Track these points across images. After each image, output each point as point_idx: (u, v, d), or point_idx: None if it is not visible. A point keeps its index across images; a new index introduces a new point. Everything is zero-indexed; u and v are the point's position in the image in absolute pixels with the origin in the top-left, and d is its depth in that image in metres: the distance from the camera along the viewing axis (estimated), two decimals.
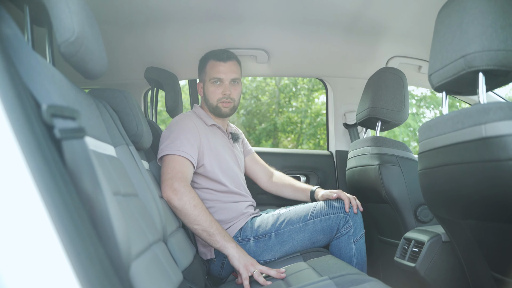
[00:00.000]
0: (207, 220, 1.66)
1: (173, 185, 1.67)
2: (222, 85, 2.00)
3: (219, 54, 2.02)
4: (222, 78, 1.99)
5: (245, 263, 1.61)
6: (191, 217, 1.66)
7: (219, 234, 1.66)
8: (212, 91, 2.00)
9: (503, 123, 1.01)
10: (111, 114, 1.31)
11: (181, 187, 1.67)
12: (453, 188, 1.24)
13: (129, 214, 0.96)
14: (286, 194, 2.28)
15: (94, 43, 1.01)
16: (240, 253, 1.65)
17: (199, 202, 1.69)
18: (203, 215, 1.67)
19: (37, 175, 0.58)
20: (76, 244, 0.58)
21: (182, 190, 1.67)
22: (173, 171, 1.71)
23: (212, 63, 2.01)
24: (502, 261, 1.29)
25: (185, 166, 1.76)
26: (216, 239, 1.65)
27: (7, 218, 0.55)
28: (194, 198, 1.68)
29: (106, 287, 0.59)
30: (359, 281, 1.25)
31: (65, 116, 0.70)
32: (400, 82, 2.10)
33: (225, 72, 1.99)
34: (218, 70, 1.99)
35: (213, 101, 2.01)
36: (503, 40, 1.10)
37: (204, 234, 1.66)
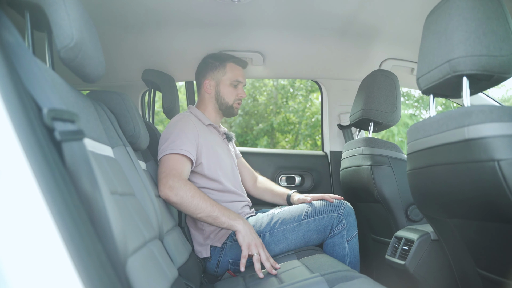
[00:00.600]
0: (208, 206, 1.70)
1: (168, 182, 1.70)
2: (240, 88, 2.15)
3: (239, 60, 2.18)
4: (242, 82, 2.15)
5: (249, 241, 1.66)
6: (192, 207, 1.69)
7: (223, 215, 1.70)
8: (230, 92, 2.12)
9: (484, 125, 1.05)
10: (109, 116, 1.35)
11: (175, 182, 1.70)
12: (439, 188, 1.29)
13: (126, 212, 1.01)
14: (267, 198, 2.34)
15: (93, 48, 1.05)
16: (247, 230, 1.69)
17: (196, 191, 1.72)
18: (203, 202, 1.70)
19: (39, 175, 0.62)
20: (76, 240, 0.62)
21: (177, 185, 1.70)
22: (167, 169, 1.75)
23: (234, 66, 2.14)
24: (487, 259, 1.33)
25: (180, 163, 1.80)
26: (221, 220, 1.70)
27: (11, 215, 0.59)
28: (190, 189, 1.71)
29: (104, 280, 0.63)
30: (349, 278, 1.30)
31: (65, 119, 0.73)
32: (392, 84, 2.15)
33: (243, 77, 2.17)
34: (241, 74, 2.15)
35: (230, 100, 2.13)
36: (485, 46, 1.14)
37: (209, 219, 1.70)
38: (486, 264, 1.34)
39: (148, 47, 2.30)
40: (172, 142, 1.83)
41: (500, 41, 1.15)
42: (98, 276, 0.62)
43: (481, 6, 1.16)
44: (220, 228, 1.76)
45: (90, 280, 0.60)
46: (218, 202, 1.77)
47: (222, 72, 2.12)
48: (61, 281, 0.58)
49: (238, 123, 10.40)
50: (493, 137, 1.03)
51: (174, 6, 1.94)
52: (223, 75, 2.12)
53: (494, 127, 1.04)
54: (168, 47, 2.34)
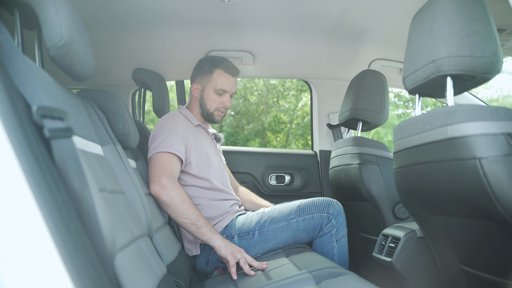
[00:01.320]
0: (195, 214, 1.72)
1: (161, 181, 1.72)
2: (225, 96, 2.09)
3: (230, 67, 2.09)
4: (228, 91, 2.08)
5: (232, 250, 1.70)
6: (180, 211, 1.71)
7: (206, 227, 1.73)
8: (213, 99, 2.07)
9: (467, 124, 1.08)
10: (99, 114, 1.36)
11: (169, 183, 1.72)
12: (424, 186, 1.31)
13: (114, 209, 1.02)
14: (248, 208, 2.34)
15: (82, 47, 1.06)
16: (226, 243, 1.73)
17: (186, 197, 1.74)
18: (191, 209, 1.73)
19: (28, 171, 0.63)
20: (64, 235, 0.63)
21: (170, 186, 1.72)
22: (160, 167, 1.76)
23: (222, 73, 2.07)
24: (470, 255, 1.36)
25: (172, 163, 1.81)
26: (203, 231, 1.72)
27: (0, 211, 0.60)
28: (182, 193, 1.74)
29: (91, 275, 0.64)
30: (336, 274, 1.32)
31: (54, 117, 0.75)
32: (381, 84, 2.17)
33: (231, 87, 2.09)
34: (227, 83, 2.07)
35: (211, 108, 2.09)
36: (468, 47, 1.17)
37: (192, 227, 1.73)
38: (469, 260, 1.36)
39: (139, 46, 2.31)
40: (163, 140, 1.83)
41: (482, 42, 1.17)
42: (86, 271, 0.63)
43: (464, 8, 1.19)
44: (199, 239, 1.78)
45: (78, 275, 0.62)
46: (208, 200, 1.79)
47: (209, 78, 2.08)
48: (49, 276, 0.60)
49: (229, 123, 10.40)
50: (475, 135, 1.06)
51: (164, 5, 1.95)
52: (209, 82, 2.08)
53: (476, 126, 1.07)
54: (158, 46, 2.35)
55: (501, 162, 1.02)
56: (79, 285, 0.61)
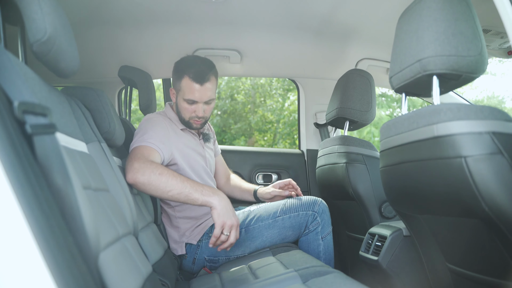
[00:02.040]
0: (179, 182, 1.61)
1: (133, 165, 1.60)
2: (196, 106, 1.90)
3: (197, 74, 1.86)
4: (197, 100, 1.89)
5: (224, 220, 1.59)
6: (162, 185, 1.60)
7: (196, 191, 1.61)
8: (184, 108, 1.92)
9: (452, 123, 1.09)
10: (84, 112, 1.34)
11: (140, 163, 1.61)
12: (410, 185, 1.32)
13: (99, 207, 1.00)
14: (236, 195, 2.32)
15: (67, 43, 1.04)
16: (223, 206, 1.61)
17: (164, 169, 1.63)
18: (173, 179, 1.61)
19: (8, 168, 0.62)
20: (46, 233, 0.61)
21: (143, 165, 1.60)
22: (134, 156, 1.67)
23: (188, 82, 1.87)
24: (455, 253, 1.37)
25: (148, 151, 1.71)
26: (194, 197, 1.61)
27: None
28: (157, 167, 1.62)
29: (75, 274, 0.63)
30: (322, 273, 1.32)
31: (36, 113, 0.73)
32: (368, 84, 2.18)
33: (200, 96, 1.88)
34: (193, 93, 1.87)
35: (185, 116, 1.94)
36: (454, 46, 1.18)
37: (181, 196, 1.61)
38: (454, 259, 1.38)
39: (125, 43, 2.29)
40: (141, 136, 1.77)
41: (468, 42, 1.18)
42: (69, 270, 0.62)
43: (450, 7, 1.20)
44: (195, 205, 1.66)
45: (61, 274, 0.60)
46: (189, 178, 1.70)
47: (179, 86, 1.91)
48: (31, 276, 0.58)
49: (215, 123, 10.38)
50: (460, 134, 1.07)
51: (152, 2, 1.93)
52: (179, 90, 1.92)
53: (461, 124, 1.07)
54: (145, 44, 2.32)
55: (486, 161, 1.03)
56: (62, 285, 0.60)
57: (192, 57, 2.01)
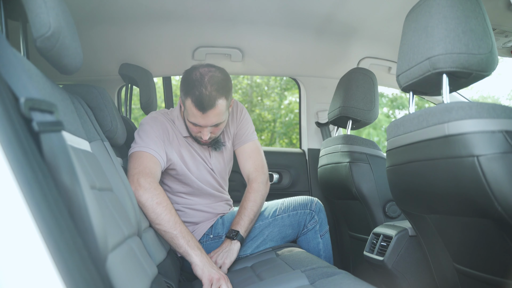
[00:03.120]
0: (171, 221, 1.56)
1: (139, 180, 1.58)
2: (200, 128, 1.75)
3: (199, 100, 1.64)
4: (201, 126, 1.73)
5: (209, 274, 1.50)
6: (153, 215, 1.55)
7: (183, 238, 1.55)
8: (189, 126, 1.77)
9: (464, 122, 1.07)
10: (86, 110, 1.31)
11: (146, 183, 1.57)
12: (418, 184, 1.30)
13: (105, 207, 0.98)
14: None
15: (70, 38, 1.02)
16: (205, 262, 1.54)
17: (164, 200, 1.58)
18: (166, 215, 1.55)
19: (16, 166, 0.59)
20: (55, 234, 0.59)
21: (147, 186, 1.57)
22: (140, 166, 1.63)
23: (191, 106, 1.67)
24: (463, 253, 1.36)
25: (152, 162, 1.67)
26: (179, 242, 1.55)
27: None
28: (158, 195, 1.57)
29: (85, 276, 0.61)
30: (330, 274, 1.30)
31: (43, 110, 0.70)
32: (371, 82, 2.17)
33: (204, 122, 1.70)
34: (196, 118, 1.69)
35: (192, 132, 1.80)
36: (464, 44, 1.16)
37: (167, 236, 1.57)
38: (462, 259, 1.36)
39: (125, 41, 2.25)
40: (141, 139, 1.72)
41: (478, 39, 1.17)
42: (80, 272, 0.60)
43: (460, 5, 1.18)
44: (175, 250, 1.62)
45: (71, 277, 0.58)
46: (192, 207, 1.69)
47: (184, 104, 1.72)
48: (40, 278, 0.56)
49: None
50: (472, 133, 1.05)
51: (151, 0, 1.90)
52: (184, 107, 1.73)
53: (473, 123, 1.06)
54: (145, 42, 2.29)
55: (499, 160, 1.02)
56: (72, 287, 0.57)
57: (203, 71, 1.70)
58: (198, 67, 1.72)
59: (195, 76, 1.68)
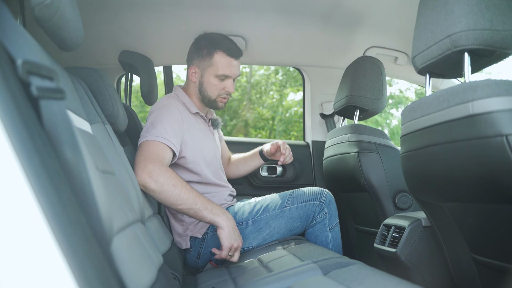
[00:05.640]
0: (191, 197, 1.58)
1: (147, 166, 1.54)
2: (227, 82, 1.89)
3: (232, 48, 1.87)
4: (231, 76, 1.89)
5: (231, 242, 1.61)
6: (173, 197, 1.55)
7: (206, 209, 1.60)
8: (214, 85, 1.88)
9: (491, 99, 1.00)
10: (86, 92, 1.24)
11: (155, 167, 1.54)
12: (437, 170, 1.24)
13: (108, 189, 0.91)
14: (241, 168, 2.28)
15: (71, 10, 0.95)
16: (230, 227, 1.62)
17: (178, 180, 1.58)
18: (185, 193, 1.57)
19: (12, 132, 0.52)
20: (56, 207, 0.52)
21: (158, 171, 1.54)
22: (147, 153, 1.59)
23: (223, 56, 1.85)
24: (482, 243, 1.29)
25: (162, 150, 1.63)
26: (203, 214, 1.60)
27: None
28: (172, 177, 1.57)
29: (89, 255, 0.54)
30: (344, 264, 1.24)
31: (43, 75, 0.64)
32: (378, 71, 2.10)
33: (235, 71, 1.89)
34: (230, 67, 1.86)
35: (213, 95, 1.90)
36: (488, 20, 1.10)
37: (191, 212, 1.60)
38: (481, 249, 1.30)
39: (125, 28, 2.18)
40: (154, 127, 1.67)
41: (503, 15, 1.11)
42: (83, 250, 0.53)
43: None
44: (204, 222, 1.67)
45: (74, 253, 0.51)
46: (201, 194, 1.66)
47: (209, 62, 1.86)
48: (40, 255, 0.49)
49: None
50: (500, 111, 0.98)
51: None
52: (209, 66, 1.86)
53: (501, 101, 0.99)
54: (146, 30, 2.22)
55: None
56: (77, 267, 0.50)
57: (216, 34, 1.95)
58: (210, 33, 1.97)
59: (215, 35, 1.93)
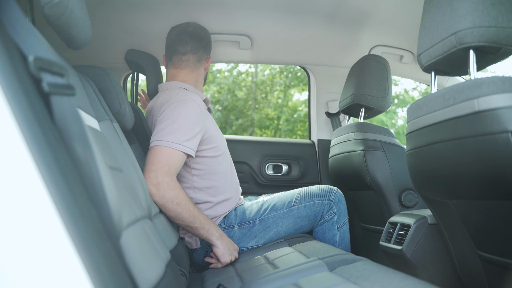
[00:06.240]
0: (190, 216, 1.60)
1: (157, 178, 1.51)
2: None
3: None
4: None
5: (228, 260, 1.67)
6: (173, 214, 1.57)
7: (203, 228, 1.63)
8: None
9: (496, 96, 1.01)
10: (94, 89, 1.26)
11: (165, 182, 1.52)
12: (444, 166, 1.24)
13: (117, 185, 0.92)
14: None
15: (79, 8, 0.96)
16: (225, 245, 1.67)
17: (183, 199, 1.56)
18: (186, 212, 1.58)
19: (25, 126, 0.54)
20: (68, 201, 0.53)
21: (166, 187, 1.52)
22: (160, 163, 1.55)
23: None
24: (488, 240, 1.29)
25: (175, 159, 1.59)
26: (199, 233, 1.64)
27: None
28: (177, 195, 1.55)
29: (100, 248, 0.55)
30: (350, 261, 1.24)
31: (53, 72, 0.65)
32: (384, 70, 2.11)
33: None
34: None
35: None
36: (493, 17, 1.10)
37: (188, 228, 1.64)
38: (488, 246, 1.30)
39: (131, 27, 2.19)
40: (171, 132, 1.59)
41: (508, 12, 1.11)
42: (95, 243, 0.54)
43: None
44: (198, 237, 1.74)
45: (86, 246, 0.52)
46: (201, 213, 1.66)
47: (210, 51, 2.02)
48: (51, 247, 0.50)
49: (217, 118, 10.28)
50: (506, 107, 0.99)
51: None
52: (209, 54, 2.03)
53: (506, 97, 1.00)
54: (152, 28, 2.23)
55: None
56: (89, 259, 0.51)
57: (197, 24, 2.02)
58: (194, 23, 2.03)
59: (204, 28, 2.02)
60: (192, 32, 1.93)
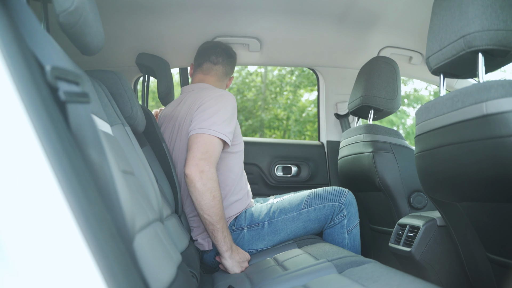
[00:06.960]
0: (218, 215, 1.61)
1: (204, 166, 1.58)
2: None
3: None
4: None
5: (238, 271, 1.64)
6: (205, 205, 1.59)
7: (222, 233, 1.62)
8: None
9: (505, 100, 1.01)
10: (106, 94, 1.28)
11: (210, 171, 1.59)
12: (452, 169, 1.24)
13: (130, 189, 0.94)
14: None
15: (92, 15, 0.98)
16: (234, 260, 1.64)
17: (218, 194, 1.61)
18: (217, 209, 1.60)
19: (43, 134, 0.56)
20: (84, 206, 0.55)
21: (210, 176, 1.58)
22: (209, 151, 1.62)
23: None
24: (497, 242, 1.29)
25: (218, 149, 1.67)
26: (218, 236, 1.62)
27: (12, 177, 0.52)
28: (216, 188, 1.60)
29: (115, 252, 0.57)
30: (358, 263, 1.25)
31: (69, 80, 0.67)
32: (393, 71, 2.11)
33: None
34: None
35: None
36: (502, 20, 1.10)
37: (209, 226, 1.62)
38: (497, 248, 1.30)
39: (142, 30, 2.22)
40: (218, 123, 1.68)
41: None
42: (110, 247, 0.56)
43: None
44: (209, 238, 1.72)
45: (101, 250, 0.54)
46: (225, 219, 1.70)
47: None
48: (68, 251, 0.52)
49: None
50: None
51: None
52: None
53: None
54: (162, 32, 2.25)
55: None
56: (103, 262, 0.53)
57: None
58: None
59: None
60: (226, 48, 2.08)
